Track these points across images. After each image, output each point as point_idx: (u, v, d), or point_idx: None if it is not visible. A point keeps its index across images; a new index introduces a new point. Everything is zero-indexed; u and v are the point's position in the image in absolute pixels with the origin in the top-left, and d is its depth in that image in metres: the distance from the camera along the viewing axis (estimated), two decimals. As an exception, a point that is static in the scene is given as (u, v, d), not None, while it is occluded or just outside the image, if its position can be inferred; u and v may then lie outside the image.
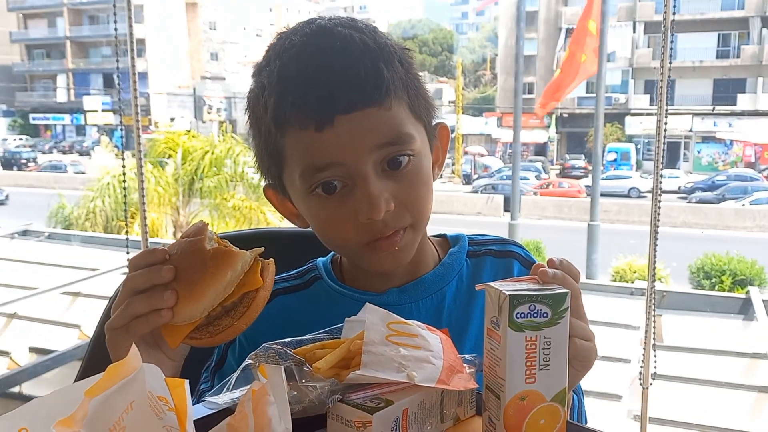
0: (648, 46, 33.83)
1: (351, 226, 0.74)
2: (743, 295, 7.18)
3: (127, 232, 4.97)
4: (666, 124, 2.77)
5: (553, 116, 36.41)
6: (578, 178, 29.42)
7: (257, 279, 0.69)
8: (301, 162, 0.74)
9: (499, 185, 25.59)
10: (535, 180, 28.54)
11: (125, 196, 5.63)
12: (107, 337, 0.68)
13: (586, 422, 0.86)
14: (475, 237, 0.92)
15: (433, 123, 0.83)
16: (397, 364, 0.64)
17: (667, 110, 2.76)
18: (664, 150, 2.72)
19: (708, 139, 32.84)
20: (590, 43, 6.95)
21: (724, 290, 10.74)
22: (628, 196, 26.16)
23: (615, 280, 11.00)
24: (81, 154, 35.23)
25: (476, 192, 27.10)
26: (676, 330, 6.10)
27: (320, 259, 0.91)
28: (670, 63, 2.84)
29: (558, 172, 33.26)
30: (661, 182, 2.77)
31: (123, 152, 5.25)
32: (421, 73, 0.81)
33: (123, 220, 12.40)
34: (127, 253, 3.93)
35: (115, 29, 3.72)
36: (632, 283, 9.26)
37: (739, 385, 4.75)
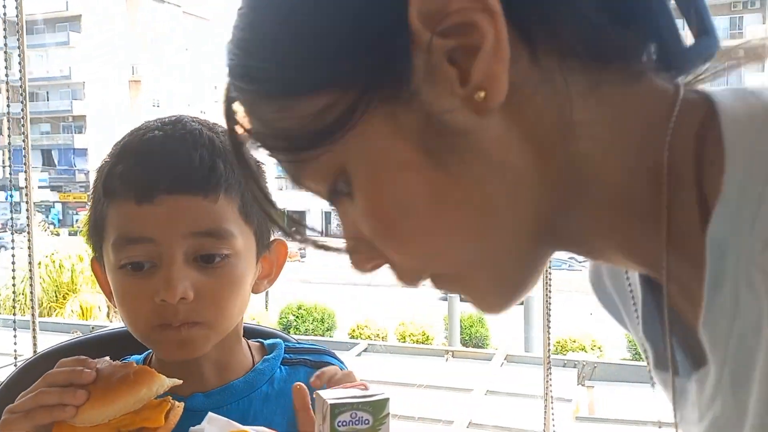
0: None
1: (147, 306, 0.76)
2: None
3: (14, 312, 4.72)
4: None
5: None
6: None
7: (160, 418, 0.71)
8: (116, 231, 0.77)
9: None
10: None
11: (12, 271, 5.30)
12: (3, 419, 0.70)
13: None
14: (293, 345, 0.94)
15: (272, 237, 0.84)
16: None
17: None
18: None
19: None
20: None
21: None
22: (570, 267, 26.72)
23: (556, 352, 11.16)
24: (16, 232, 34.03)
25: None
26: (607, 401, 6.21)
27: (134, 356, 0.90)
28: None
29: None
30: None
31: (12, 228, 5.00)
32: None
33: (56, 301, 11.96)
34: (14, 334, 3.74)
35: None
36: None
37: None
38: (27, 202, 3.40)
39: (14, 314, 4.24)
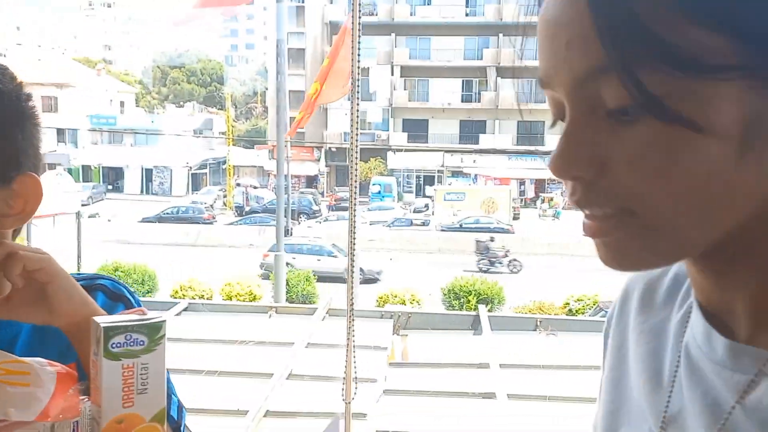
0: (405, 89, 36.72)
1: None
2: (473, 313, 8.08)
3: None
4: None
5: (323, 150, 37.67)
6: (346, 209, 30.67)
7: None
8: None
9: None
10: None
11: None
12: None
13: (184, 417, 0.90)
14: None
15: (19, 172, 0.80)
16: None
17: (358, 114, 3.13)
18: (356, 166, 3.09)
19: (457, 173, 36.25)
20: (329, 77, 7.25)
21: (471, 309, 11.93)
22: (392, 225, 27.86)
23: (380, 305, 11.70)
24: None
25: (251, 224, 27.06)
26: (419, 347, 6.66)
27: None
28: (359, 66, 3.17)
29: (328, 203, 34.40)
30: (355, 208, 3.18)
31: None
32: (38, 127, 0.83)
33: None
34: None
35: None
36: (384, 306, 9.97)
37: (465, 393, 5.34)
38: None
39: None
